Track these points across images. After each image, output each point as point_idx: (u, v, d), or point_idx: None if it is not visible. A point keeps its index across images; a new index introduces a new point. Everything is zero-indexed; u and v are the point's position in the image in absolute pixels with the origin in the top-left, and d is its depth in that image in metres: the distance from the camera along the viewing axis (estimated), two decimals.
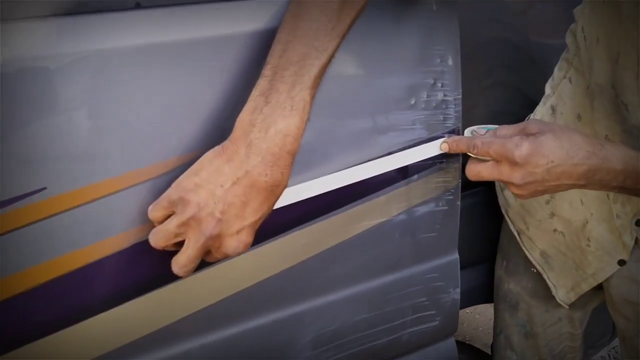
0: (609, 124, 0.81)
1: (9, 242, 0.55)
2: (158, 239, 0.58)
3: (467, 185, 0.92)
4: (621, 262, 0.88)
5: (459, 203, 0.84)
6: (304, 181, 0.69)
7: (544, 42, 1.08)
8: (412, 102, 0.76)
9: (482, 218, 1.08)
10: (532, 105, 0.99)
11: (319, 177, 0.70)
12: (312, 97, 0.58)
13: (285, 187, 0.58)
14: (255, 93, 0.56)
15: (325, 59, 0.58)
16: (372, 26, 0.71)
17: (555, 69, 0.94)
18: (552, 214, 0.94)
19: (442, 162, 0.80)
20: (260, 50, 0.61)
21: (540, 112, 0.95)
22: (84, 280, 0.60)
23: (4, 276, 0.56)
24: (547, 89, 0.95)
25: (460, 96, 0.79)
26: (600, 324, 1.21)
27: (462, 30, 0.79)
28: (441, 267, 0.86)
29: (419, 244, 0.83)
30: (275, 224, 0.68)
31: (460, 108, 0.80)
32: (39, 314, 0.59)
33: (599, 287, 0.95)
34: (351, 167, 0.72)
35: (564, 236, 0.94)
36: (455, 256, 0.87)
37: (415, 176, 0.79)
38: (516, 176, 0.68)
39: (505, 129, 0.72)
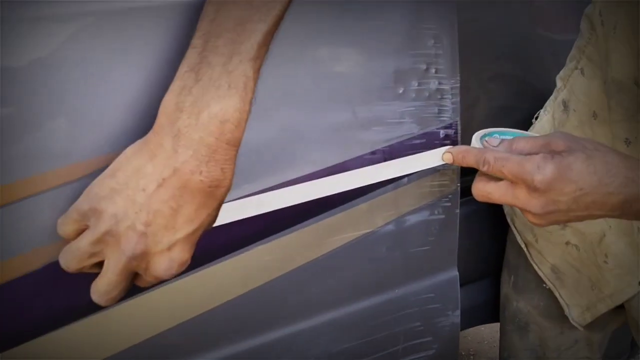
0: (629, 127, 0.71)
1: None
2: (68, 260, 0.46)
3: (468, 189, 0.84)
4: None
5: (457, 211, 0.74)
6: (267, 188, 0.59)
7: (556, 27, 0.98)
8: (400, 92, 0.66)
9: (484, 227, 0.99)
10: (541, 100, 0.90)
11: (287, 183, 0.60)
12: (257, 71, 0.46)
13: (229, 187, 0.47)
14: (182, 69, 0.45)
15: (271, 22, 0.46)
16: None
17: (568, 58, 0.86)
18: (565, 225, 0.85)
19: None
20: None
21: (551, 107, 0.87)
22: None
23: None
24: (558, 81, 0.87)
25: (458, 85, 0.69)
26: (615, 342, 1.10)
27: (459, 13, 0.69)
28: (438, 286, 0.76)
29: (411, 259, 0.73)
30: (230, 238, 0.57)
31: (458, 99, 0.70)
32: None
33: (621, 306, 0.86)
34: (328, 168, 0.62)
35: (577, 250, 0.85)
36: (455, 273, 0.78)
37: (405, 179, 0.69)
38: (535, 204, 0.57)
39: (524, 142, 0.60)
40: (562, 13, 1.00)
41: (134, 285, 0.49)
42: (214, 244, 0.57)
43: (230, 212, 0.55)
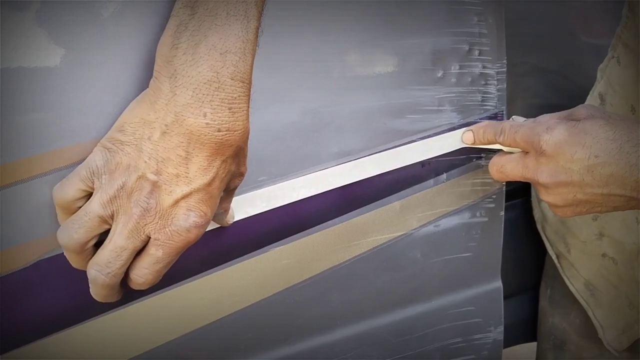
0: None
1: None
2: (74, 232, 0.42)
3: (509, 194, 0.76)
4: None
5: (502, 214, 0.67)
6: (284, 179, 0.52)
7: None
8: (439, 75, 0.58)
9: (526, 233, 0.90)
10: (584, 96, 0.82)
11: (307, 173, 0.53)
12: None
13: (245, 132, 0.43)
14: (177, 6, 0.42)
15: None
16: None
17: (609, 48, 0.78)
18: (601, 235, 0.76)
19: (480, 158, 0.62)
20: None
21: (589, 102, 0.79)
22: None
23: None
24: (598, 73, 0.79)
25: (504, 69, 0.62)
26: None
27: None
28: (479, 299, 0.68)
29: (449, 267, 0.65)
30: (242, 238, 0.50)
31: (504, 85, 0.63)
32: None
33: None
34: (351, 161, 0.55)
35: (615, 263, 0.76)
36: (498, 284, 0.70)
37: (444, 175, 0.62)
38: (543, 171, 0.52)
39: (548, 116, 0.56)
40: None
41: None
42: (221, 244, 0.50)
43: (238, 208, 0.48)
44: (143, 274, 0.43)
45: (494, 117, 0.61)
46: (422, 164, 0.58)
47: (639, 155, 0.49)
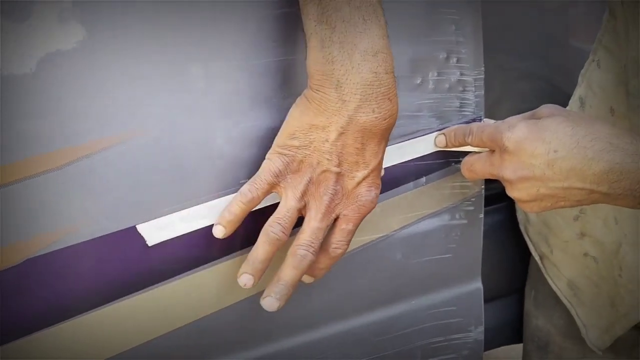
0: None
1: None
2: (285, 227, 0.50)
3: (494, 198, 0.79)
4: None
5: (482, 216, 0.68)
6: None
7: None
8: (418, 82, 0.60)
9: (509, 238, 0.91)
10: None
11: None
12: None
13: (397, 114, 0.51)
14: (310, 24, 0.47)
15: None
16: None
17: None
18: (582, 234, 0.77)
19: (459, 162, 0.64)
20: None
21: (570, 106, 0.80)
22: None
23: None
24: (579, 77, 0.80)
25: (482, 76, 0.63)
26: None
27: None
28: (459, 299, 0.70)
29: (429, 268, 0.66)
30: (222, 239, 0.51)
31: (482, 92, 0.64)
32: None
33: None
34: None
35: (596, 262, 0.77)
36: (478, 285, 0.71)
37: (424, 179, 0.63)
38: (507, 167, 0.54)
39: (513, 117, 0.58)
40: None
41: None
42: (200, 246, 0.52)
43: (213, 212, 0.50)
44: (340, 245, 0.52)
45: (471, 122, 0.63)
46: (402, 169, 0.60)
47: (596, 149, 0.50)
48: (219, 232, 0.50)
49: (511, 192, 0.56)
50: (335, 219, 0.52)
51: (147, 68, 0.47)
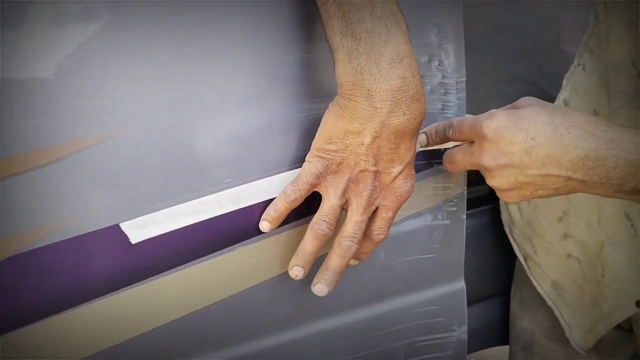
0: (628, 115, 0.64)
1: None
2: (325, 222, 0.54)
3: (479, 200, 0.80)
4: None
5: (464, 217, 0.68)
6: (249, 180, 0.54)
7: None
8: None
9: (494, 240, 0.92)
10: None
11: (272, 175, 0.55)
12: (397, 3, 0.51)
13: (425, 112, 0.53)
14: (336, 38, 0.49)
15: None
16: None
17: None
18: (566, 235, 0.78)
19: (441, 163, 0.64)
20: None
21: None
22: None
23: None
24: (564, 80, 0.81)
25: (464, 79, 0.64)
26: None
27: (468, 11, 0.65)
28: (442, 298, 0.70)
29: (412, 268, 0.67)
30: (209, 237, 0.52)
31: (464, 94, 0.65)
32: None
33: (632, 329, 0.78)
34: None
35: (580, 263, 0.78)
36: (461, 285, 0.71)
37: None
38: (486, 155, 0.55)
39: (495, 109, 0.59)
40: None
41: None
42: (195, 242, 0.53)
43: (205, 209, 0.51)
44: (382, 231, 0.57)
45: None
46: None
47: (572, 136, 0.51)
48: (265, 227, 0.55)
49: (490, 181, 0.57)
50: (375, 209, 0.56)
51: (133, 67, 0.47)
